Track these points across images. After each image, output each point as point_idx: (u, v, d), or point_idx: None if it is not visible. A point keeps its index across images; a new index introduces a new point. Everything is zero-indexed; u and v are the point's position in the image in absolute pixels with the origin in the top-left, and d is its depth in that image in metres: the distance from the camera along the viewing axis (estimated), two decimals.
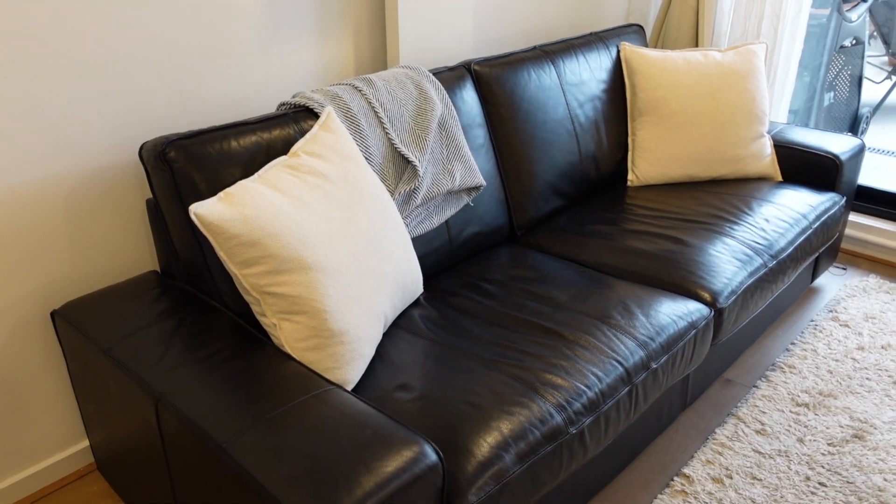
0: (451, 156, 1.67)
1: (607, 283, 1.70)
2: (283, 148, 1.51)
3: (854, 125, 3.94)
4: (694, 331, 1.59)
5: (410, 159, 1.57)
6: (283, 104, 1.60)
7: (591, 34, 2.33)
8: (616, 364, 1.43)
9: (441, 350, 1.44)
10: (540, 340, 1.46)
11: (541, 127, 2.02)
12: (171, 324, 1.40)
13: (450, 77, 1.84)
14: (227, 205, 1.26)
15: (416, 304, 1.61)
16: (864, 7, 3.57)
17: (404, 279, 1.51)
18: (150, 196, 1.67)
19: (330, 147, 1.43)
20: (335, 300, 1.31)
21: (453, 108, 1.75)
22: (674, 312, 1.58)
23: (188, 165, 1.40)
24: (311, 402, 1.17)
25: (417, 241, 1.69)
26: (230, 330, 1.38)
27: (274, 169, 1.36)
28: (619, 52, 2.33)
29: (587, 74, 2.21)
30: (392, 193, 1.56)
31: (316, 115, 1.57)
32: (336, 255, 1.33)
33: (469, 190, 1.76)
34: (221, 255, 1.27)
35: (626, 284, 1.69)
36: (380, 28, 1.98)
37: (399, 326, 1.53)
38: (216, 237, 1.25)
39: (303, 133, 1.54)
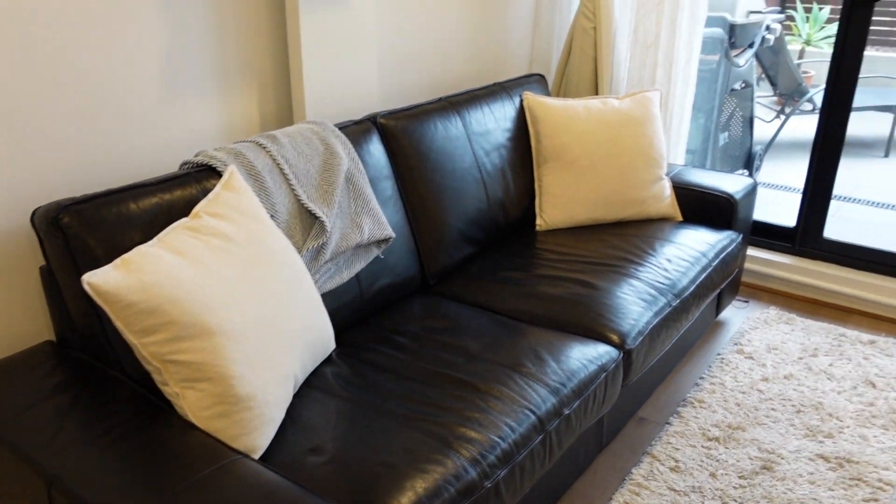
0: (360, 209, 1.67)
1: (520, 330, 1.72)
2: (185, 209, 1.47)
3: (749, 162, 4.17)
4: (604, 373, 1.62)
5: (318, 215, 1.56)
6: (186, 163, 1.57)
7: (495, 84, 2.40)
8: (529, 413, 1.44)
9: (354, 408, 1.41)
10: (454, 393, 1.46)
11: (449, 176, 2.05)
12: (68, 398, 1.33)
13: (356, 131, 1.85)
14: (124, 272, 1.22)
15: (328, 361, 1.59)
16: (750, 53, 3.82)
17: (314, 337, 1.48)
18: (44, 263, 1.60)
19: (233, 207, 1.41)
20: (241, 364, 1.28)
21: (360, 161, 1.76)
22: (584, 357, 1.62)
23: (83, 231, 1.35)
24: (215, 474, 1.13)
25: (327, 297, 1.67)
26: (131, 401, 1.31)
27: (175, 232, 1.33)
28: (522, 101, 2.40)
29: (492, 124, 2.26)
30: (300, 250, 1.54)
31: (219, 174, 1.54)
32: (241, 317, 1.29)
33: (379, 242, 1.76)
34: (118, 324, 1.22)
35: (538, 330, 1.72)
36: (284, 84, 1.98)
37: (311, 385, 1.50)
38: (112, 306, 1.20)
39: (205, 193, 1.51)
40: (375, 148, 1.88)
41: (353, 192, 1.68)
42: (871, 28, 2.44)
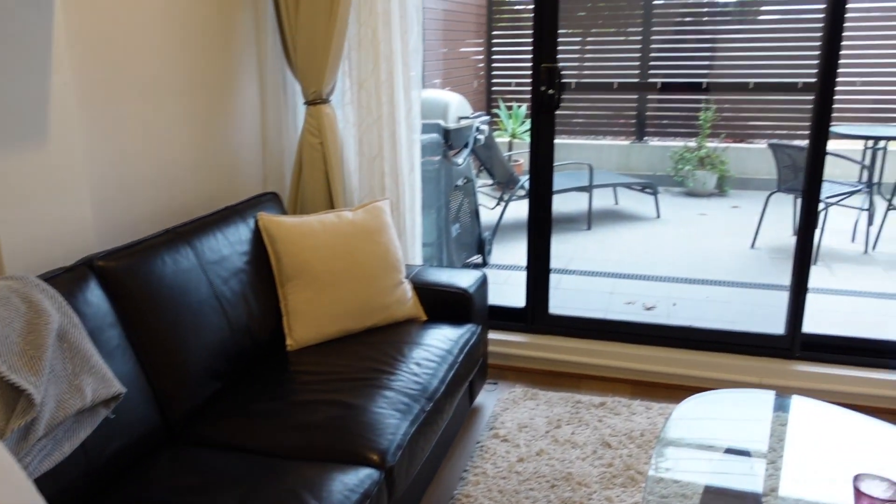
0: (78, 369, 1.50)
1: (278, 469, 1.64)
2: None
3: (480, 248, 4.53)
4: (368, 500, 1.60)
5: (23, 387, 1.36)
6: None
7: (226, 209, 2.34)
8: None
9: None
10: None
11: (185, 312, 1.94)
12: None
13: (68, 279, 1.68)
14: None
15: None
16: (466, 152, 4.19)
17: None
18: None
19: None
20: None
21: (74, 314, 1.59)
22: (346, 487, 1.58)
23: None
24: None
25: (45, 479, 1.46)
26: None
27: None
28: (257, 222, 2.37)
29: (228, 249, 2.20)
30: (2, 433, 1.33)
31: None
32: None
33: (107, 402, 1.59)
34: None
35: (298, 466, 1.65)
36: None
37: None
38: None
39: None
40: (94, 295, 1.71)
41: (69, 351, 1.50)
42: (562, 120, 2.81)
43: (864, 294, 3.99)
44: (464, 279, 2.62)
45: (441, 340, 2.34)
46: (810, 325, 2.82)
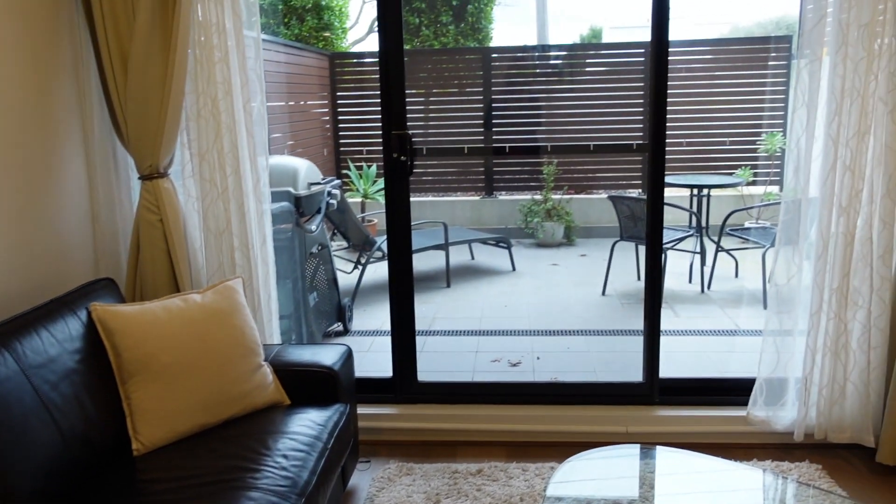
0: None
1: None
2: None
3: (341, 315, 4.40)
4: None
5: None
6: None
7: (52, 301, 2.09)
8: None
9: None
10: None
11: (3, 430, 1.67)
12: None
13: None
14: None
15: None
16: (319, 218, 4.08)
17: None
18: None
19: None
20: None
21: None
22: None
23: None
24: None
25: None
26: None
27: None
28: (90, 314, 2.13)
29: (56, 349, 1.95)
30: None
31: None
32: None
33: None
34: None
35: None
36: None
37: None
38: None
39: None
40: None
41: None
42: (413, 179, 2.82)
43: (706, 333, 4.26)
44: (328, 356, 2.49)
45: (308, 426, 2.19)
46: (665, 368, 2.94)
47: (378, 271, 5.70)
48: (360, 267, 5.20)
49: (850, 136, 2.41)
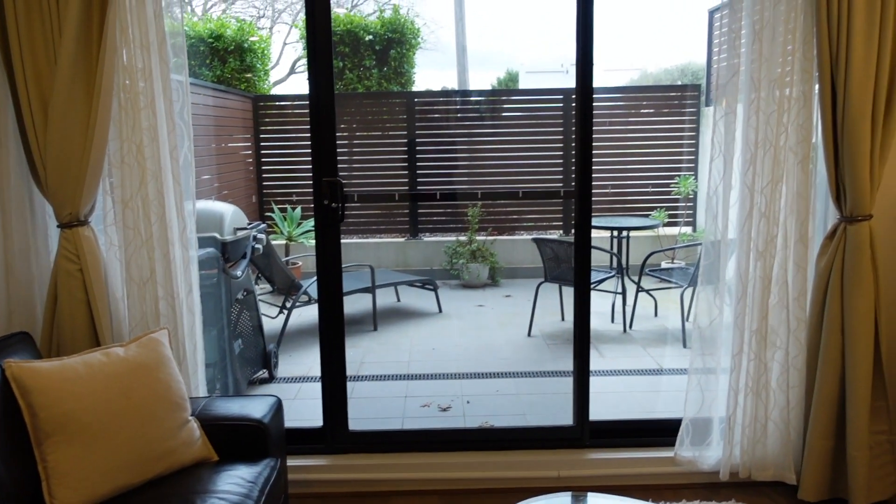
0: None
1: None
2: None
3: (266, 362, 4.27)
4: None
5: None
6: None
7: None
8: None
9: None
10: None
11: None
12: None
13: None
14: None
15: None
16: (244, 263, 3.99)
17: None
18: None
19: None
20: None
21: None
22: None
23: None
24: None
25: None
26: None
27: None
28: (3, 371, 1.99)
29: None
30: None
31: None
32: None
33: None
34: None
35: None
36: None
37: None
38: None
39: None
40: None
41: None
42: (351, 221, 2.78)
43: (631, 373, 4.36)
44: (257, 408, 2.40)
45: (237, 484, 2.10)
46: (594, 409, 2.98)
47: (303, 315, 5.59)
48: (286, 312, 5.09)
49: (764, 185, 2.55)
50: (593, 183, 2.83)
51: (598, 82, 2.80)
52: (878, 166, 2.46)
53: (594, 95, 2.76)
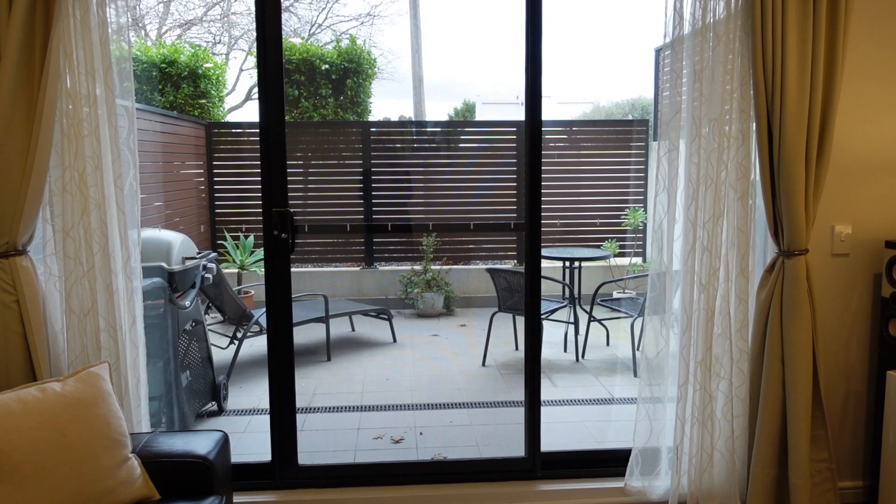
0: None
1: None
2: None
3: (216, 394, 4.18)
4: None
5: None
6: None
7: None
8: None
9: None
10: None
11: None
12: None
13: None
14: None
15: None
16: (193, 293, 3.91)
17: None
18: None
19: None
20: None
21: None
22: None
23: None
24: None
25: None
26: None
27: None
28: None
29: None
30: None
31: None
32: None
33: None
34: None
35: None
36: None
37: None
38: None
39: None
40: None
41: None
42: (298, 249, 2.76)
43: (583, 402, 4.39)
44: (201, 444, 2.34)
45: None
46: (546, 440, 2.99)
47: (255, 345, 5.50)
48: (237, 342, 5.00)
49: (706, 219, 2.62)
50: (546, 214, 2.88)
51: (551, 115, 2.87)
52: (812, 203, 2.55)
53: (545, 129, 2.81)
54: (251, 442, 3.78)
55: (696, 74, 2.56)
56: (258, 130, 2.76)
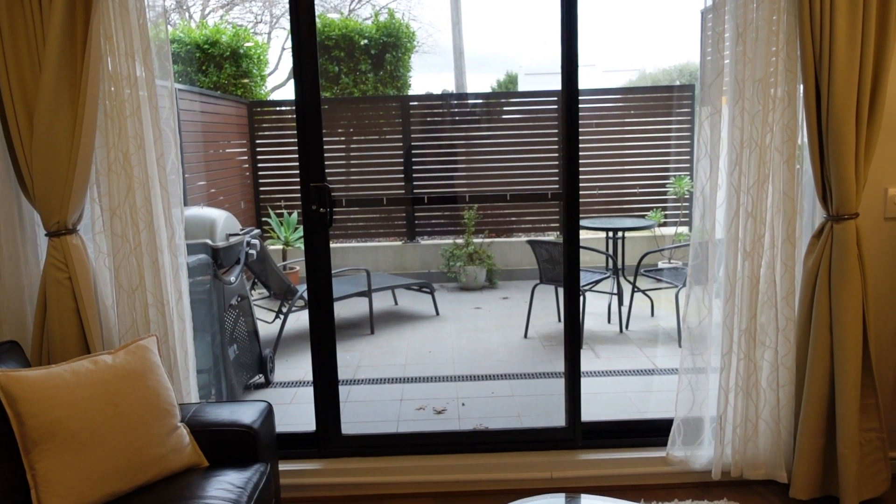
0: None
1: None
2: None
3: (262, 366, 4.28)
4: None
5: None
6: None
7: None
8: None
9: None
10: None
11: None
12: None
13: None
14: None
15: None
16: (238, 269, 3.99)
17: None
18: None
19: None
20: None
21: None
22: None
23: None
24: None
25: None
26: None
27: None
28: None
29: None
30: None
31: None
32: None
33: None
34: None
35: None
36: None
37: None
38: None
39: None
40: None
41: None
42: (335, 226, 2.79)
43: (626, 373, 4.36)
44: (247, 414, 2.41)
45: (227, 490, 2.11)
46: (588, 410, 2.99)
47: (301, 319, 5.59)
48: (282, 316, 5.10)
49: (750, 185, 2.55)
50: (590, 184, 2.84)
51: (597, 83, 2.83)
52: (863, 165, 2.46)
53: (589, 97, 2.77)
54: (297, 413, 3.87)
55: (739, 35, 2.48)
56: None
